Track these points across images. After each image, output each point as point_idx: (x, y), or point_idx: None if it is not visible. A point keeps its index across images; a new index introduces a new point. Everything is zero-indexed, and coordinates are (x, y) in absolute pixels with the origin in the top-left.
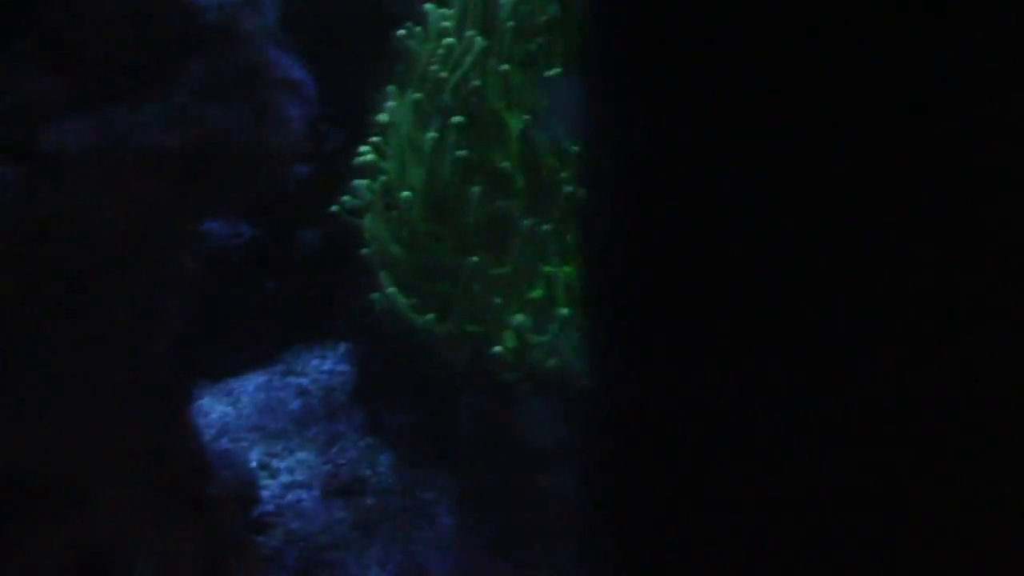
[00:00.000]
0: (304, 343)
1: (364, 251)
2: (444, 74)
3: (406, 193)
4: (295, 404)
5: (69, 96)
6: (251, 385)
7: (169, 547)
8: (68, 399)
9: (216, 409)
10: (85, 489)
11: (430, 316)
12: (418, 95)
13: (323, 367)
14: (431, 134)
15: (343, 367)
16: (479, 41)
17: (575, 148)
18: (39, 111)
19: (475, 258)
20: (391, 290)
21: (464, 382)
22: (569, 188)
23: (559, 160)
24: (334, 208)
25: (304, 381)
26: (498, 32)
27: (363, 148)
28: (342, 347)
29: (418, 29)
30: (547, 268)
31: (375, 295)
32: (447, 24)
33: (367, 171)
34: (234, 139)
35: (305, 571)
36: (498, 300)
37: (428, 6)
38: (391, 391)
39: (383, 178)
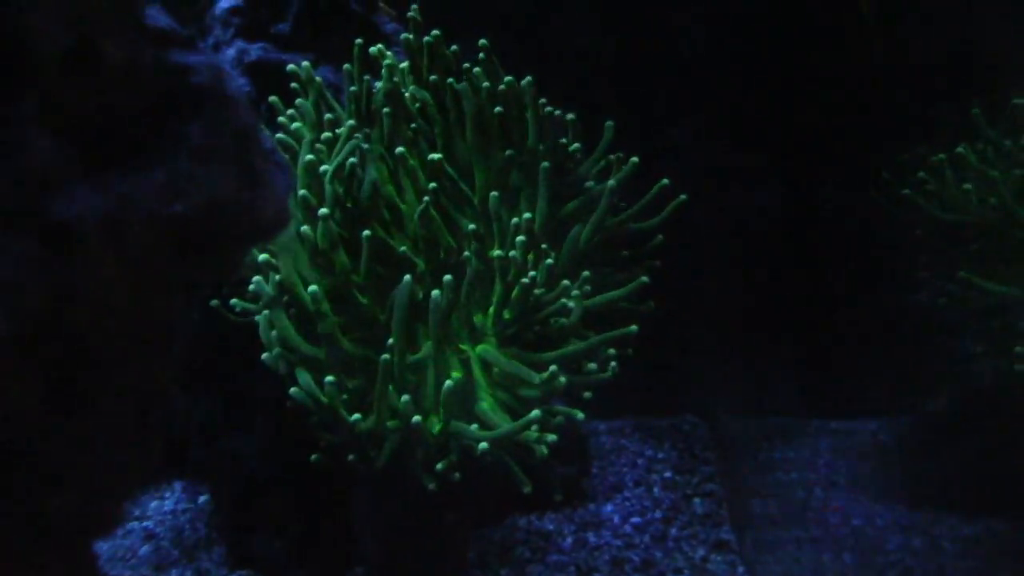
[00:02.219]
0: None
1: (265, 355)
2: (325, 167)
3: (313, 287)
4: (144, 549)
5: (76, 160)
6: None
7: None
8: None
9: None
10: None
11: (357, 416)
12: (303, 191)
13: (164, 507)
14: (320, 231)
15: (185, 504)
16: (351, 124)
17: (472, 226)
18: (48, 177)
19: (386, 356)
20: (328, 384)
21: (366, 489)
22: (472, 264)
23: (455, 239)
24: (213, 303)
25: (149, 524)
26: (376, 117)
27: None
28: (178, 485)
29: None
30: (462, 346)
31: (294, 391)
32: (329, 116)
33: (259, 268)
34: (232, 204)
35: None
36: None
37: (299, 101)
38: (258, 517)
39: (276, 276)
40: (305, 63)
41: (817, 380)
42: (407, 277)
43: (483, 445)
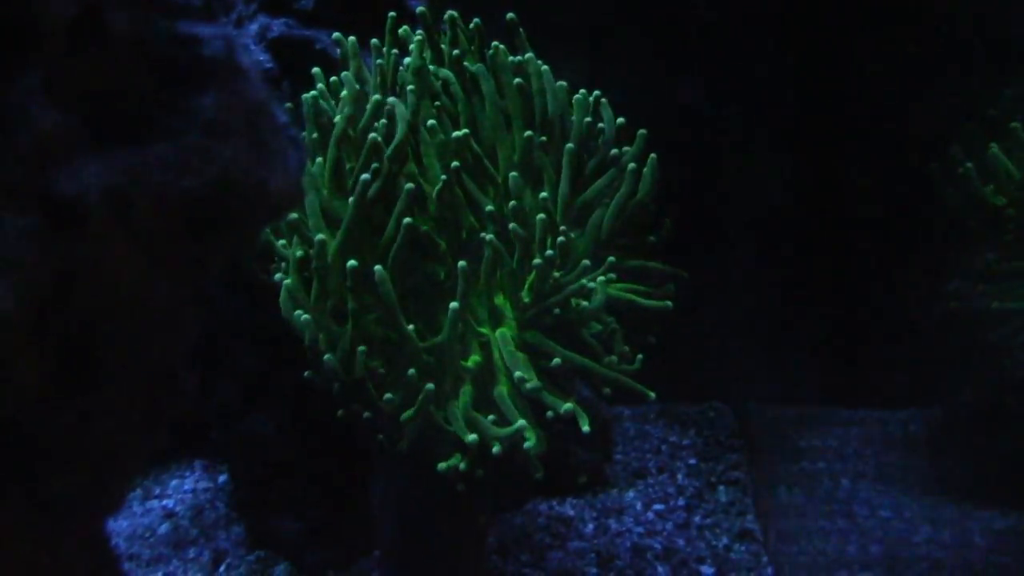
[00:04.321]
0: (159, 463)
1: (298, 312)
2: (374, 135)
3: (352, 262)
4: (164, 528)
5: (81, 134)
6: None
7: None
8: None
9: None
10: None
11: (389, 395)
12: (333, 157)
13: (184, 487)
14: (351, 200)
15: (205, 484)
16: (376, 99)
17: (489, 207)
18: (53, 151)
19: (410, 327)
20: (361, 353)
21: (385, 472)
22: (492, 244)
23: (477, 219)
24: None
25: (169, 503)
26: (402, 94)
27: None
28: (198, 464)
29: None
30: (483, 330)
31: (308, 374)
32: (357, 89)
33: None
34: (244, 180)
35: None
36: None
37: (345, 74)
38: (277, 498)
39: (298, 252)
40: (351, 38)
41: (846, 368)
42: (453, 305)
43: (496, 448)
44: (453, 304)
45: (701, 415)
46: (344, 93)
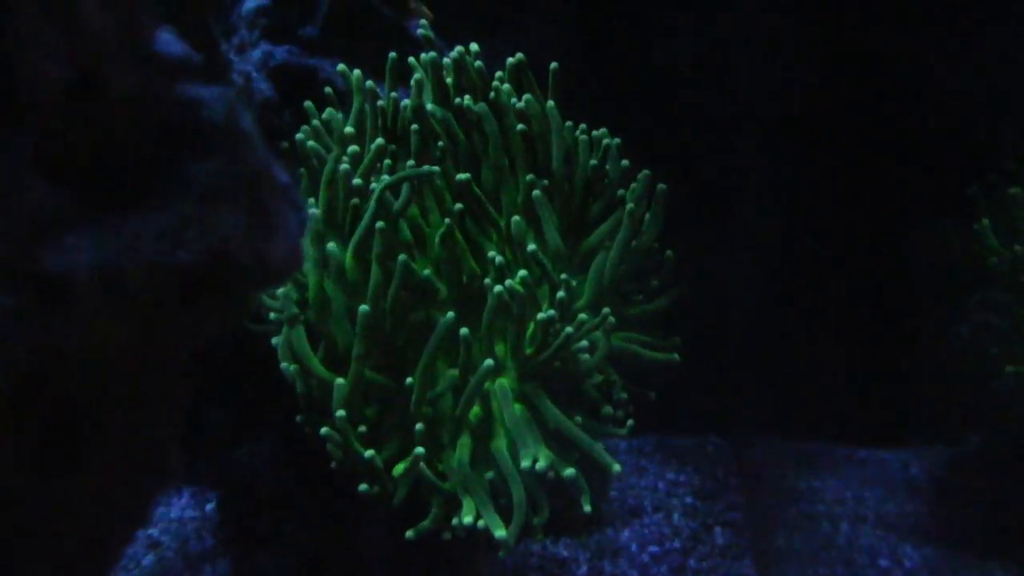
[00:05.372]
0: None
1: (284, 365)
2: (358, 181)
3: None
4: (148, 559)
5: (72, 206)
6: None
7: None
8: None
9: None
10: None
11: (371, 452)
12: (324, 198)
13: (170, 514)
14: (349, 249)
15: (192, 512)
16: (379, 143)
17: (491, 252)
18: (41, 226)
19: (409, 380)
20: (339, 416)
21: (377, 513)
22: (496, 291)
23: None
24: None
25: (154, 532)
26: (403, 136)
27: None
28: (186, 492)
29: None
30: (485, 385)
31: (300, 419)
32: (350, 129)
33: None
34: (241, 250)
35: None
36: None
37: (328, 111)
38: (266, 533)
39: (288, 291)
40: (356, 72)
41: (848, 404)
42: (449, 315)
43: (481, 523)
44: (451, 372)
45: (699, 450)
46: (338, 134)
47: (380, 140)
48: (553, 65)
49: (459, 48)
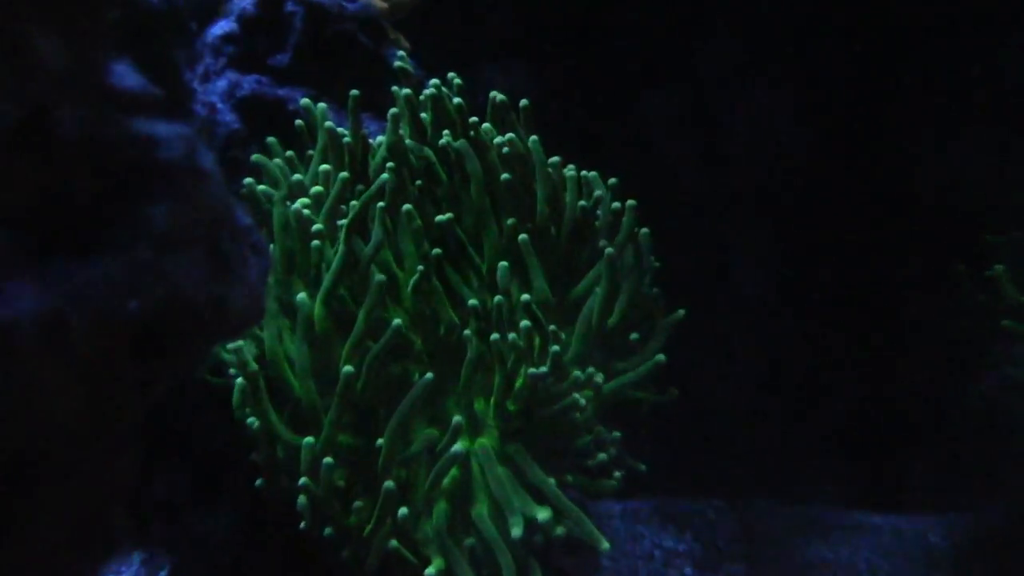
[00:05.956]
0: None
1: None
2: (319, 226)
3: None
4: None
5: (16, 252)
6: None
7: None
8: None
9: None
10: None
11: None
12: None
13: None
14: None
15: None
16: (344, 176)
17: (474, 301)
18: None
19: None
20: (325, 467)
21: None
22: (473, 345)
23: (456, 312)
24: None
25: None
26: (374, 174)
27: None
28: (136, 557)
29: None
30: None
31: (260, 483)
32: (297, 177)
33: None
34: (198, 298)
35: None
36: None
37: (276, 162)
38: None
39: (245, 346)
40: (321, 104)
41: (861, 465)
42: (428, 376)
43: None
44: (428, 431)
45: (700, 515)
46: (295, 178)
47: (344, 174)
48: (524, 102)
49: (434, 81)
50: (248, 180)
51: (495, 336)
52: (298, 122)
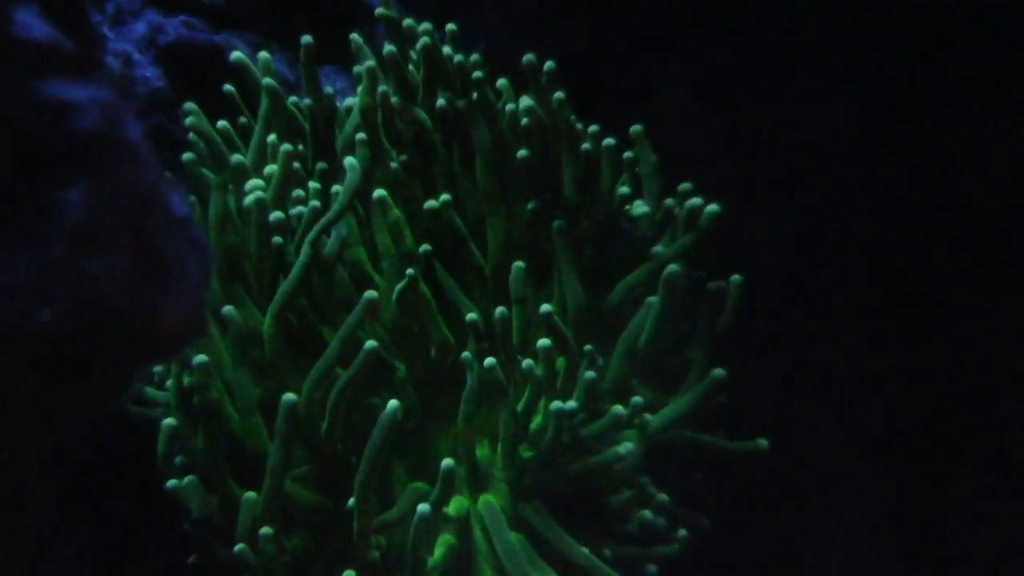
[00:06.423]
0: None
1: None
2: (278, 214)
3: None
4: None
5: None
6: None
7: None
8: None
9: None
10: None
11: None
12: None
13: None
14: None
15: None
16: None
17: (473, 315)
18: None
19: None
20: (263, 537)
21: None
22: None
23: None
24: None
25: None
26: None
27: None
28: None
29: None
30: (458, 497)
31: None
32: (238, 157)
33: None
34: (123, 306)
35: None
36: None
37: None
38: None
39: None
40: (263, 54)
41: (917, 531)
42: (392, 403)
43: None
44: (416, 484)
45: None
46: (235, 159)
47: (287, 146)
48: (549, 64)
49: (426, 26)
50: (187, 155)
51: (494, 360)
52: (227, 87)
